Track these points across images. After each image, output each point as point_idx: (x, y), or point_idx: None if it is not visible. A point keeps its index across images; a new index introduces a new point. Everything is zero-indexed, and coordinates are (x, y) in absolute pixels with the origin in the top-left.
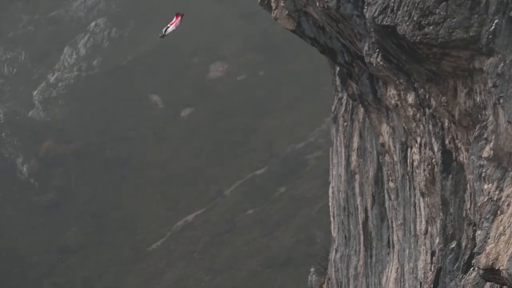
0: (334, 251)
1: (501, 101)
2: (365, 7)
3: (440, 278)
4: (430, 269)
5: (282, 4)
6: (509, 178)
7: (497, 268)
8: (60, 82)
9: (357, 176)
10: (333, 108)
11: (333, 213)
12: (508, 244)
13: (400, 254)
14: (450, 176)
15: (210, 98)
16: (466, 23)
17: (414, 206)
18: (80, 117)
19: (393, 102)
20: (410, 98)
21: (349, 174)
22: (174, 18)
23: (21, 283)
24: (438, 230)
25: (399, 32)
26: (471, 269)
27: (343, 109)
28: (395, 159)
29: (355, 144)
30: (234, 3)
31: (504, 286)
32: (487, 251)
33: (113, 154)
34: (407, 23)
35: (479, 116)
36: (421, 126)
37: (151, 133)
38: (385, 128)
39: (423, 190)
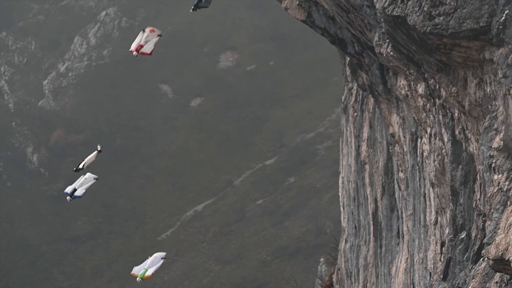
0: (344, 241)
1: (511, 91)
2: None
3: (449, 268)
4: (440, 260)
5: None
6: None
7: (506, 258)
8: (70, 71)
9: (367, 166)
10: (343, 98)
11: (343, 203)
12: None
13: (409, 245)
14: (460, 166)
15: (220, 88)
16: (477, 13)
17: (424, 197)
18: (90, 107)
19: (403, 92)
20: (420, 89)
21: (359, 164)
22: None
23: (30, 272)
24: (448, 220)
25: (409, 23)
26: (481, 259)
27: (353, 99)
28: (405, 150)
29: (365, 134)
30: None
31: None
32: (496, 241)
33: (122, 143)
34: (418, 14)
35: (489, 106)
36: (431, 116)
37: (160, 123)
38: (395, 119)
39: (433, 180)
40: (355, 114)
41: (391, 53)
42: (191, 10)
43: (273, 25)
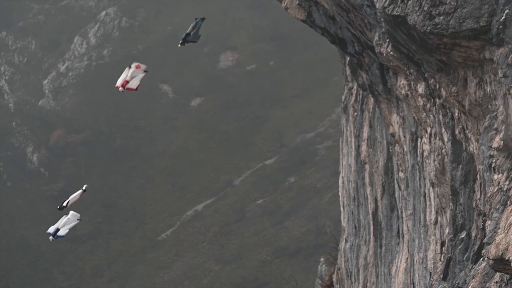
0: (344, 241)
1: (511, 91)
2: None
3: (449, 268)
4: (440, 259)
5: None
6: None
7: (506, 258)
8: (70, 71)
9: (367, 166)
10: (343, 98)
11: (343, 203)
12: None
13: (409, 244)
14: (460, 166)
15: (220, 88)
16: (477, 13)
17: (424, 196)
18: (90, 107)
19: (403, 92)
20: (420, 88)
21: (359, 164)
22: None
23: (30, 272)
24: (448, 220)
25: (410, 22)
26: (481, 259)
27: (353, 99)
28: (405, 149)
29: (365, 134)
30: None
31: None
32: (496, 241)
33: (122, 143)
34: (418, 13)
35: (489, 106)
36: (431, 116)
37: (161, 123)
38: (395, 118)
39: (433, 180)
40: (355, 114)
41: (391, 52)
42: (179, 45)
43: (273, 25)
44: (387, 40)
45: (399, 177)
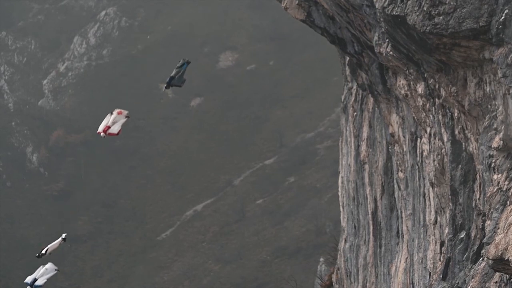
0: (343, 241)
1: (511, 91)
2: None
3: (449, 268)
4: (439, 259)
5: None
6: None
7: (506, 258)
8: (70, 71)
9: (366, 166)
10: (342, 98)
11: (343, 203)
12: None
13: (409, 244)
14: (460, 166)
15: (219, 88)
16: (476, 13)
17: (424, 196)
18: (90, 107)
19: (402, 92)
20: (420, 88)
21: (358, 164)
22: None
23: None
24: (448, 220)
25: (409, 22)
26: (481, 259)
27: (352, 99)
28: (404, 149)
29: (364, 134)
30: None
31: None
32: (496, 241)
33: (122, 143)
34: (417, 13)
35: (489, 106)
36: (431, 116)
37: (160, 123)
38: (394, 118)
39: (433, 180)
40: (355, 113)
41: (391, 52)
42: (164, 89)
43: (273, 25)
44: (387, 40)
45: (399, 177)
